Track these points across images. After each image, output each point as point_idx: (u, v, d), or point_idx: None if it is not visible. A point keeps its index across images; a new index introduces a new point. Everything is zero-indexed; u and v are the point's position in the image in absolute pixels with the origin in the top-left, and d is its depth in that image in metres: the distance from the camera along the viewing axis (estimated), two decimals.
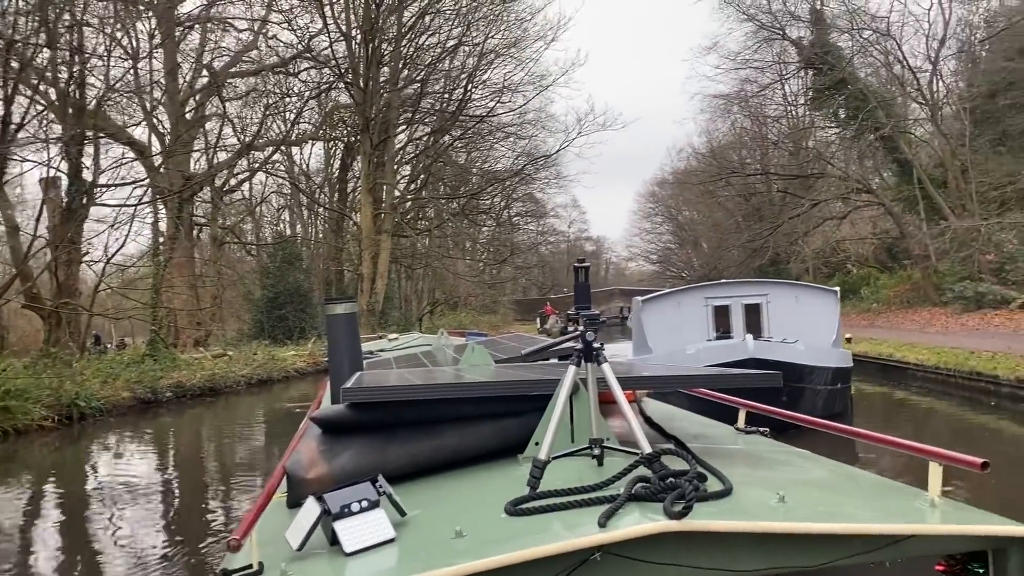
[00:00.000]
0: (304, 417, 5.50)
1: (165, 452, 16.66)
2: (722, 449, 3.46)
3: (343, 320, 5.34)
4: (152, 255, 28.71)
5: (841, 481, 2.97)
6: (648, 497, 2.22)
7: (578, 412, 2.98)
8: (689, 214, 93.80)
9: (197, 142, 40.99)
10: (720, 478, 2.46)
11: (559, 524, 2.19)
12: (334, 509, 2.27)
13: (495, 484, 2.81)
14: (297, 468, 2.89)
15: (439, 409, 3.11)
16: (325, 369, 29.63)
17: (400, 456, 2.98)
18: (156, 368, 23.97)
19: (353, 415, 3.07)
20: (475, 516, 2.44)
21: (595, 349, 2.77)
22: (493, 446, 3.12)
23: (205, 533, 9.78)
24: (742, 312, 14.40)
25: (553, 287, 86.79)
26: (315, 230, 55.14)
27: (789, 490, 2.36)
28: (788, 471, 3.10)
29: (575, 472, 2.62)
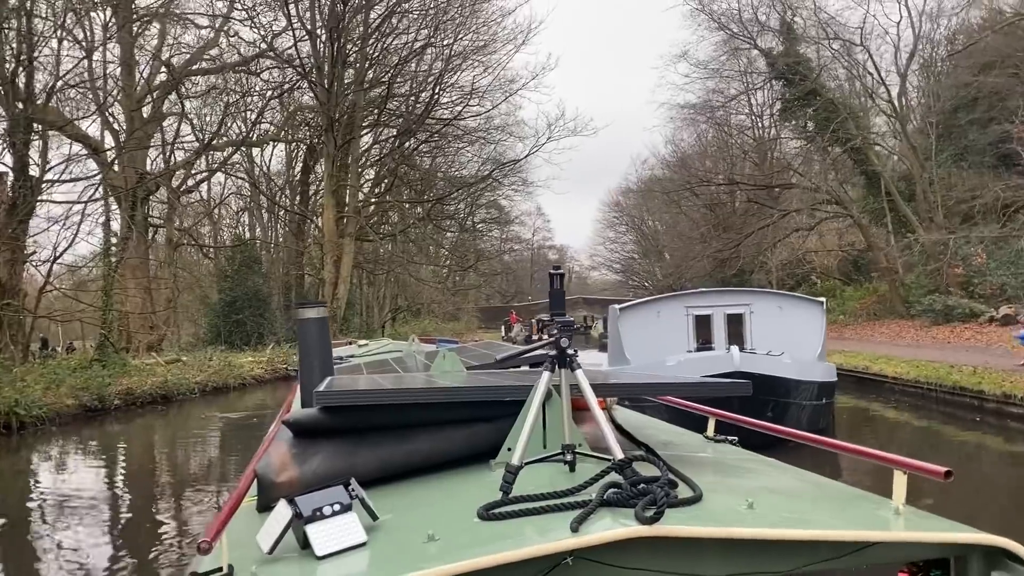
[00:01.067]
0: (273, 421, 5.52)
1: (110, 464, 15.61)
2: (692, 457, 3.45)
3: (314, 324, 5.18)
4: (103, 256, 27.38)
5: (808, 489, 3.00)
6: (620, 503, 2.23)
7: (551, 418, 2.95)
8: (653, 224, 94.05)
9: (154, 140, 39.79)
10: (690, 485, 2.45)
11: (532, 529, 2.20)
12: (306, 512, 2.23)
13: (467, 489, 2.80)
14: (268, 471, 2.85)
15: (411, 414, 3.09)
16: (283, 376, 28.66)
17: (371, 460, 2.95)
18: (104, 374, 22.75)
19: (325, 419, 3.04)
20: (447, 520, 2.42)
21: (569, 356, 2.76)
22: (465, 451, 3.09)
23: (150, 550, 9.00)
24: (724, 322, 13.84)
25: (516, 295, 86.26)
26: (275, 233, 53.85)
27: (757, 497, 2.39)
28: (756, 479, 3.11)
29: (547, 478, 2.61)
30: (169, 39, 37.21)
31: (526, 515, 2.28)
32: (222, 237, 50.97)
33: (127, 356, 27.42)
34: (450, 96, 39.60)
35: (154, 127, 37.83)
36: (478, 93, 38.65)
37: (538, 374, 2.93)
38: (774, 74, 38.06)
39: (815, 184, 33.48)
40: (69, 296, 25.90)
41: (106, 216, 27.94)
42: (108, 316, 25.68)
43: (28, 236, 25.17)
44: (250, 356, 32.46)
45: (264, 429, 10.36)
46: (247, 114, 42.55)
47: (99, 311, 25.55)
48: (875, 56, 33.24)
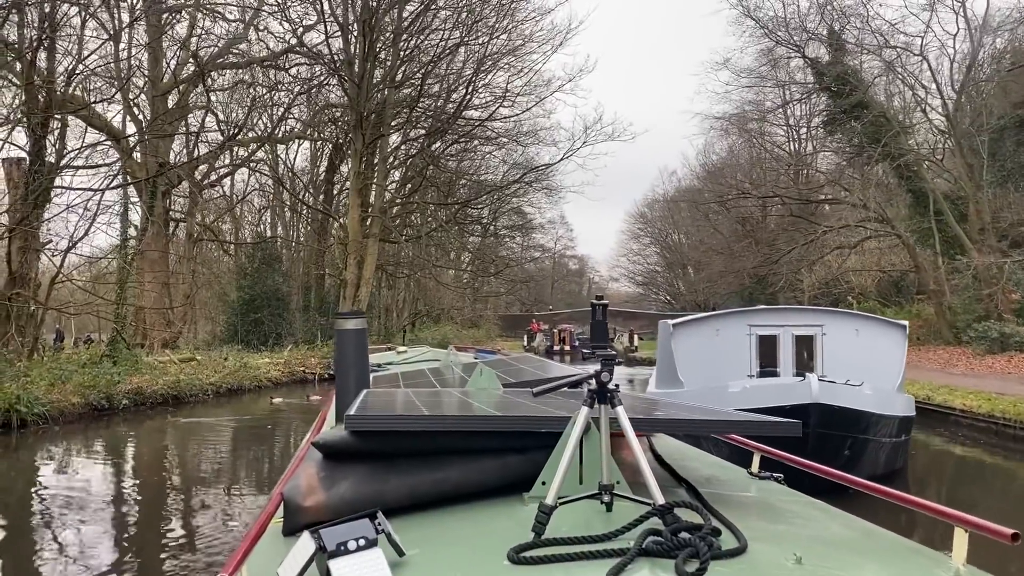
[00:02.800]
0: (305, 438, 5.45)
1: (114, 470, 14.45)
2: (735, 497, 3.25)
3: (352, 335, 5.07)
4: (120, 247, 26.38)
5: (859, 539, 2.78)
6: (660, 553, 2.10)
7: (588, 454, 2.82)
8: (678, 238, 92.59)
9: (178, 135, 38.97)
10: (735, 533, 2.32)
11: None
12: (330, 546, 2.11)
13: (498, 525, 2.64)
14: (295, 495, 2.76)
15: (443, 440, 2.98)
16: (301, 379, 27.48)
17: (400, 488, 2.83)
18: (114, 371, 21.66)
19: (355, 441, 2.95)
20: (476, 561, 2.29)
21: (610, 392, 2.61)
22: (496, 482, 2.95)
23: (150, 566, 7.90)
24: (792, 344, 12.46)
25: (536, 304, 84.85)
26: (297, 233, 52.94)
27: (805, 549, 2.24)
28: (804, 525, 2.91)
29: (583, 518, 2.52)
30: (198, 29, 36.26)
31: (558, 560, 2.17)
32: (243, 235, 50.16)
33: (140, 353, 26.37)
34: (482, 97, 38.42)
35: (179, 119, 37.01)
36: (511, 95, 37.34)
37: (575, 397, 2.97)
38: (820, 85, 36.58)
39: (862, 200, 31.89)
40: (81, 287, 24.80)
41: (124, 206, 26.93)
42: (121, 310, 24.61)
43: (43, 224, 24.26)
44: (267, 357, 31.38)
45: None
46: (273, 110, 41.79)
47: (112, 305, 24.46)
48: (933, 69, 31.69)
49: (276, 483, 3.98)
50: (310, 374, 30.76)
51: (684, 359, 12.57)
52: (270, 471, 14.67)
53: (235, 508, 11.21)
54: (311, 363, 31.94)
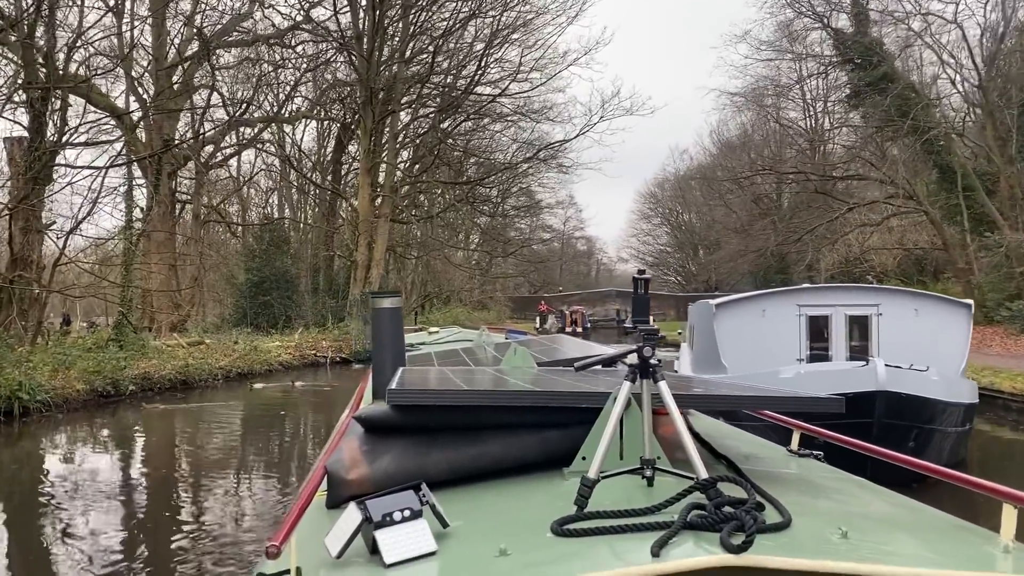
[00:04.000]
0: (343, 412, 5.50)
1: (120, 460, 13.73)
2: (776, 473, 3.17)
3: (388, 314, 5.09)
4: (125, 228, 25.58)
5: (904, 515, 2.71)
6: (704, 526, 2.08)
7: (628, 429, 2.80)
8: (689, 217, 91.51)
9: (183, 114, 38.14)
10: (778, 508, 2.27)
11: (608, 549, 2.08)
12: (376, 517, 2.14)
13: (539, 499, 2.66)
14: (338, 468, 2.80)
15: (483, 415, 2.98)
16: (312, 363, 26.74)
17: (441, 462, 2.85)
18: (120, 356, 20.91)
19: (396, 416, 2.96)
20: (519, 532, 2.26)
21: (653, 366, 2.57)
22: (536, 457, 2.94)
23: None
24: (844, 325, 11.59)
25: (545, 285, 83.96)
26: (304, 214, 52.08)
27: (850, 524, 2.21)
28: (847, 501, 2.85)
29: (624, 493, 2.50)
30: (202, 5, 35.27)
31: (602, 533, 2.14)
32: (250, 216, 49.40)
33: (147, 337, 25.64)
34: (494, 73, 37.33)
35: (184, 97, 36.10)
36: (524, 70, 36.24)
37: (613, 378, 3.13)
38: (843, 58, 35.46)
39: (889, 176, 30.87)
40: (86, 270, 24.04)
41: (129, 185, 26.09)
42: (127, 293, 23.84)
43: (46, 205, 23.50)
44: (277, 340, 30.62)
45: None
46: (279, 87, 40.87)
47: (118, 287, 23.69)
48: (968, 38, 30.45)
49: (318, 457, 3.94)
50: (321, 357, 30.01)
51: (728, 342, 11.73)
52: (280, 455, 13.96)
53: (247, 498, 10.48)
54: (322, 346, 31.20)
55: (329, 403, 19.06)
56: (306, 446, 15.11)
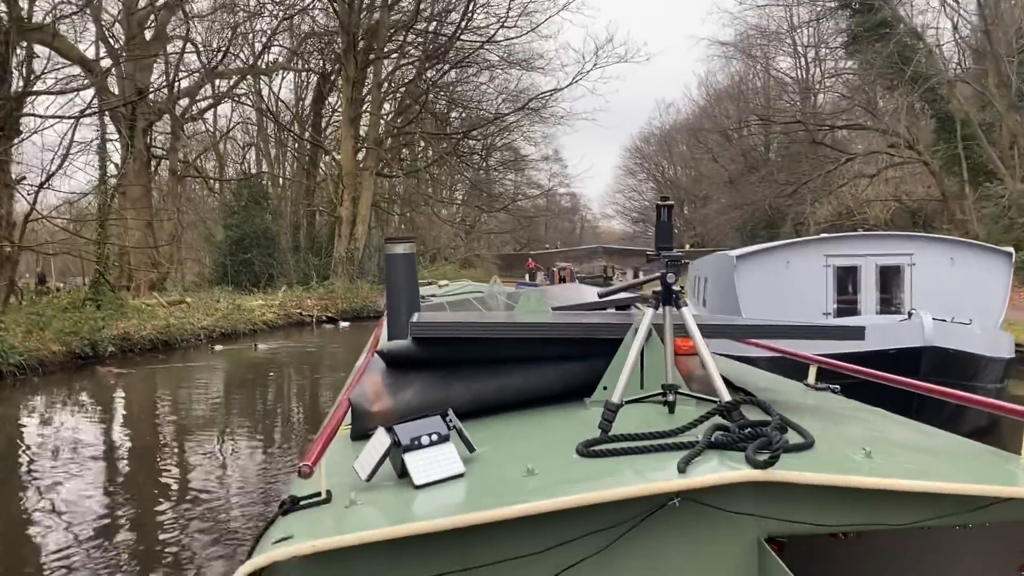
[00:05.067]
0: (360, 357, 5.49)
1: (98, 425, 12.89)
2: (796, 403, 3.15)
3: (401, 260, 4.92)
4: (99, 182, 24.39)
5: (926, 440, 2.70)
6: (728, 445, 2.11)
7: (648, 358, 2.83)
8: (675, 172, 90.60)
9: (157, 65, 36.66)
10: (800, 431, 2.27)
11: (633, 468, 2.12)
12: (404, 441, 2.18)
13: (562, 426, 2.72)
14: (362, 400, 2.85)
15: (504, 349, 3.03)
16: (298, 323, 25.84)
17: (464, 394, 2.90)
18: (98, 316, 19.96)
19: (418, 350, 3.01)
20: (545, 456, 2.31)
21: (675, 292, 2.61)
22: (557, 389, 3.02)
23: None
24: (875, 276, 10.87)
25: (531, 242, 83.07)
26: (283, 170, 50.64)
27: (873, 446, 2.22)
28: (868, 428, 2.85)
29: (645, 418, 2.53)
30: None
31: (627, 453, 2.18)
32: (228, 173, 48.01)
33: (125, 296, 24.63)
34: (481, 17, 35.91)
35: (157, 44, 34.53)
36: (514, 13, 34.85)
37: (627, 315, 3.31)
38: (841, 2, 34.45)
39: (887, 126, 30.11)
40: (59, 226, 22.91)
41: (101, 138, 24.86)
42: (104, 249, 22.78)
43: (15, 160, 22.29)
44: (260, 299, 29.66)
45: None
46: (255, 37, 39.33)
47: (93, 244, 22.61)
48: None
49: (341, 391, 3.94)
50: (307, 316, 29.14)
51: (749, 297, 10.98)
52: (264, 416, 13.19)
53: (233, 460, 9.72)
54: (307, 304, 30.30)
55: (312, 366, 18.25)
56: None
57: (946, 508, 2.07)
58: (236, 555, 6.47)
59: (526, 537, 2.02)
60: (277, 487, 8.31)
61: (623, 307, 5.32)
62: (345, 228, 33.23)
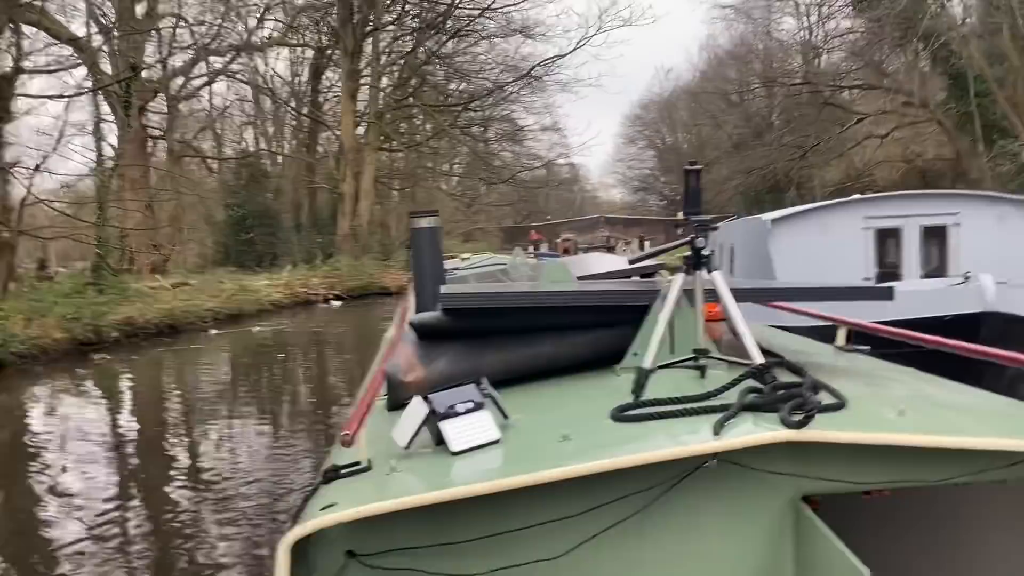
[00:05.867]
0: (389, 329, 5.49)
1: (105, 415, 12.46)
2: (825, 365, 3.08)
3: (427, 233, 4.95)
4: (96, 164, 23.79)
5: (960, 398, 2.70)
6: (762, 407, 2.13)
7: (678, 323, 2.79)
8: (674, 139, 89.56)
9: (150, 44, 35.89)
10: (832, 392, 2.26)
11: (667, 431, 2.13)
12: (440, 409, 2.22)
13: (594, 392, 2.74)
14: (396, 371, 2.90)
15: (534, 318, 3.05)
16: (304, 302, 25.39)
17: (496, 363, 2.91)
18: (101, 301, 19.46)
19: (449, 321, 3.05)
20: (579, 421, 2.34)
21: (705, 257, 2.59)
22: (588, 356, 3.02)
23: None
24: (919, 238, 10.34)
25: (531, 214, 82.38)
26: (282, 147, 49.85)
27: (906, 405, 2.20)
28: (901, 388, 2.83)
29: (677, 383, 2.50)
30: None
31: (660, 418, 2.18)
32: (225, 153, 47.32)
33: (128, 279, 24.13)
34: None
35: (149, 21, 33.70)
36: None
37: (653, 283, 3.37)
38: None
39: (902, 84, 29.41)
40: (56, 210, 22.36)
41: (96, 119, 24.24)
42: (103, 232, 22.24)
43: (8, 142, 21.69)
44: (266, 279, 29.16)
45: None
46: (249, 12, 38.45)
47: (92, 227, 22.06)
48: None
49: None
50: (314, 295, 28.66)
51: (785, 263, 10.44)
52: (274, 403, 12.76)
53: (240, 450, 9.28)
54: (313, 283, 29.81)
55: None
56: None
57: (982, 464, 2.05)
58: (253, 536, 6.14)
59: (562, 501, 2.06)
60: (285, 474, 7.92)
61: (648, 274, 5.31)
62: (348, 205, 32.67)
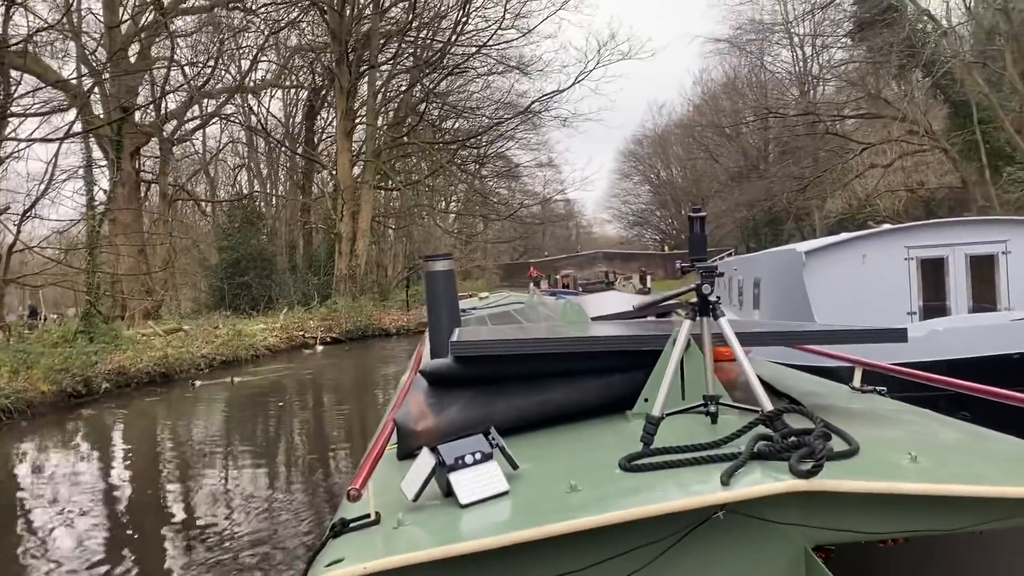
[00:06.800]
0: (404, 375, 5.42)
1: (93, 476, 11.61)
2: (840, 407, 3.07)
3: (441, 276, 4.93)
4: (87, 208, 23.14)
5: (975, 442, 2.58)
6: (771, 455, 2.09)
7: (689, 369, 2.79)
8: (669, 173, 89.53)
9: (143, 89, 35.48)
10: (845, 438, 2.23)
11: (676, 481, 2.11)
12: (448, 461, 2.20)
13: (605, 440, 2.69)
14: (407, 420, 2.87)
15: (545, 364, 3.01)
16: (301, 345, 24.60)
17: (507, 410, 2.89)
18: (91, 350, 18.66)
19: (459, 368, 3.01)
20: (588, 471, 2.30)
21: (712, 303, 2.59)
22: (599, 402, 2.99)
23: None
24: (965, 268, 9.68)
25: (528, 251, 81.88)
26: (276, 189, 49.35)
27: (919, 450, 2.16)
28: (915, 431, 2.74)
29: (687, 430, 2.49)
30: None
31: (670, 467, 2.17)
32: (219, 196, 46.82)
33: (119, 326, 23.34)
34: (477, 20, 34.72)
35: (141, 66, 33.31)
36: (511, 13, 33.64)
37: (667, 324, 3.30)
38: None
39: (905, 113, 29.05)
40: (45, 256, 21.64)
41: (87, 162, 23.63)
42: (93, 279, 21.50)
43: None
44: (261, 323, 28.38)
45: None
46: (242, 52, 38.19)
47: (82, 273, 21.33)
48: None
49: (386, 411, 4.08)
50: (311, 338, 27.86)
51: (821, 298, 9.75)
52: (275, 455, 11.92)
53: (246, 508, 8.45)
54: (310, 326, 29.03)
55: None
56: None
57: (999, 512, 2.00)
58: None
59: (571, 553, 2.03)
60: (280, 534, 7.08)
61: (663, 314, 5.21)
62: (345, 245, 32.00)
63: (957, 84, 30.66)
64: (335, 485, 9.36)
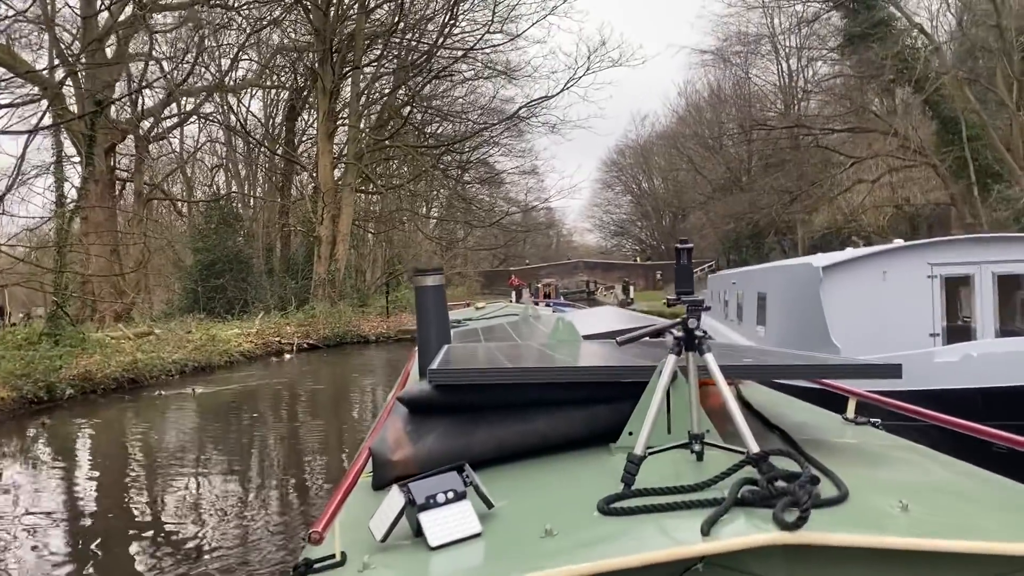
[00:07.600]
0: (390, 394, 5.30)
1: (53, 491, 10.79)
2: (832, 442, 3.01)
3: (431, 292, 4.87)
4: (56, 205, 22.20)
5: (971, 485, 2.52)
6: (756, 502, 1.98)
7: (675, 403, 2.66)
8: (651, 184, 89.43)
9: (120, 85, 34.54)
10: (835, 481, 2.13)
11: (656, 528, 2.00)
12: (419, 500, 2.11)
13: (586, 475, 2.58)
14: (383, 449, 2.75)
15: (528, 392, 2.88)
16: (277, 351, 23.77)
17: (487, 440, 2.77)
18: (55, 354, 17.75)
19: (439, 395, 2.90)
20: (565, 512, 2.20)
21: (698, 338, 2.49)
22: (583, 432, 2.85)
23: None
24: (992, 287, 9.15)
25: (508, 259, 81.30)
26: (254, 190, 48.37)
27: (911, 496, 2.06)
28: (908, 472, 2.67)
29: (672, 468, 2.40)
30: None
31: (650, 511, 2.06)
32: (196, 196, 45.80)
33: (87, 328, 22.39)
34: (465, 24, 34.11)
35: (117, 64, 32.34)
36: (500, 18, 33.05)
37: (658, 350, 3.19)
38: (836, 1, 33.27)
39: (899, 127, 28.79)
40: (9, 255, 20.67)
41: (58, 157, 22.69)
42: (62, 279, 20.56)
43: None
44: (236, 327, 27.48)
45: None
46: (222, 51, 37.36)
47: (49, 272, 20.39)
48: None
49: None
50: (287, 344, 27.03)
51: (839, 316, 9.18)
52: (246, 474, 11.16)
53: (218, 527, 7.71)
54: (287, 332, 28.19)
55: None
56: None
57: (991, 568, 1.84)
58: None
59: None
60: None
61: (658, 334, 4.56)
62: (325, 248, 31.18)
63: (947, 100, 30.50)
64: (308, 511, 8.65)
